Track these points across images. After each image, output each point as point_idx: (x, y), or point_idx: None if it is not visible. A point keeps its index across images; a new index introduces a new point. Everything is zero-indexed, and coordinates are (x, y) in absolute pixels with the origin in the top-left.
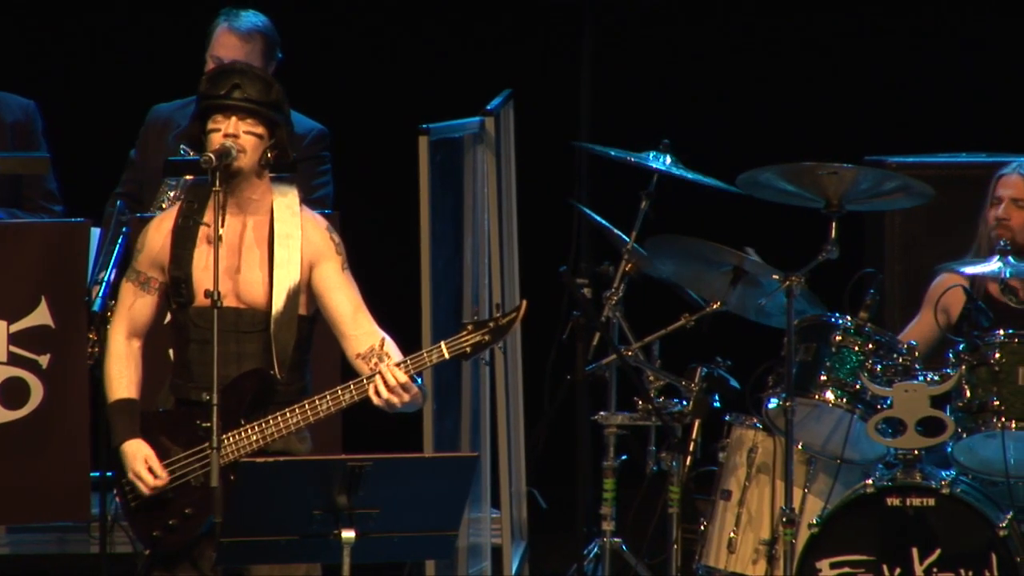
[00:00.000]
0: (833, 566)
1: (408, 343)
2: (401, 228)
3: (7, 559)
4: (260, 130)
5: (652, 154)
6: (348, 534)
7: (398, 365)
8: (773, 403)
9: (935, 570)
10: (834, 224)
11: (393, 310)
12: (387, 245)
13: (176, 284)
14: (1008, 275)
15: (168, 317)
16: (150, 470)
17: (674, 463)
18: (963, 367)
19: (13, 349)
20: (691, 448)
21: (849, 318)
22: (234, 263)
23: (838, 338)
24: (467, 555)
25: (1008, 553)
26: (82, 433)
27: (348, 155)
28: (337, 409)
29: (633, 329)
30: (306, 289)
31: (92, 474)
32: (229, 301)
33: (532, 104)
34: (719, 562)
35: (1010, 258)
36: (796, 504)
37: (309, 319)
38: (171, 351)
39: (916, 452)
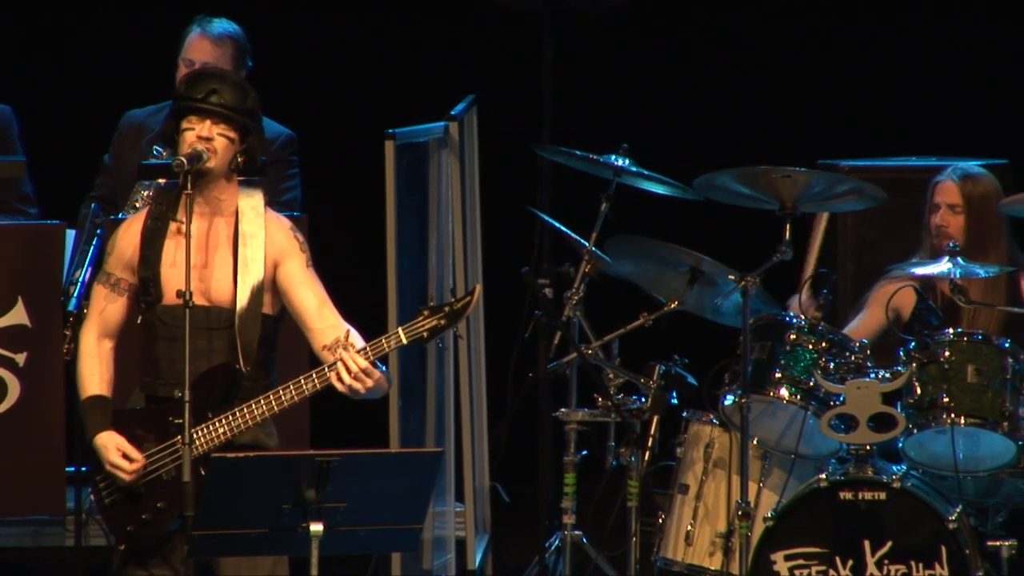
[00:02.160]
0: (787, 558)
1: None
2: (367, 231)
3: None
4: (232, 134)
5: (612, 157)
6: (316, 527)
7: (359, 352)
8: (729, 400)
9: (886, 562)
10: (788, 226)
11: (359, 311)
12: (354, 248)
13: (145, 283)
14: (958, 275)
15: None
16: (124, 457)
17: (633, 458)
18: (914, 365)
19: None
20: (649, 444)
21: (803, 317)
22: (201, 261)
23: (792, 337)
24: (432, 548)
25: (957, 545)
26: (58, 429)
27: (316, 159)
28: (300, 398)
29: (593, 328)
30: (270, 288)
31: (67, 469)
32: (197, 299)
33: (495, 109)
34: (677, 554)
35: (959, 259)
36: (751, 498)
37: (274, 319)
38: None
39: (868, 447)
